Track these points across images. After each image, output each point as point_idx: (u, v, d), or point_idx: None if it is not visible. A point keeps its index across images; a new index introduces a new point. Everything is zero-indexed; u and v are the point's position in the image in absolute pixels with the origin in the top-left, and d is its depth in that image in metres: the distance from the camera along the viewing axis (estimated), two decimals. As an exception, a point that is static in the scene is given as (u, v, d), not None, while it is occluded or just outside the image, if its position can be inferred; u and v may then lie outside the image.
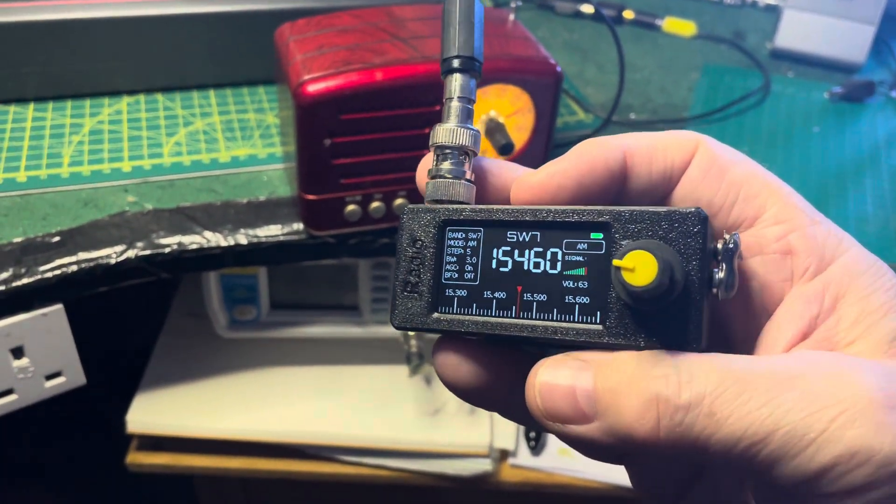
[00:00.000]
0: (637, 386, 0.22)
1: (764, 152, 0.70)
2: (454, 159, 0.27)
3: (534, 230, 0.25)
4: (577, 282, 0.24)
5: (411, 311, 0.26)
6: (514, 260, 0.25)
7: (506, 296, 0.25)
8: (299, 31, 0.56)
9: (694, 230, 0.23)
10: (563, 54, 0.85)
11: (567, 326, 0.24)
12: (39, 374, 0.58)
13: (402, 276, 0.26)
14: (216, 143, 0.66)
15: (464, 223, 0.26)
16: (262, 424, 0.73)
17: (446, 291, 0.26)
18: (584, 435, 0.23)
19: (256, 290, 0.70)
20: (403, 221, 0.27)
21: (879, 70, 0.86)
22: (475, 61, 0.27)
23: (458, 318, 0.25)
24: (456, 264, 0.26)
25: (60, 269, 0.54)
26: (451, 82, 0.27)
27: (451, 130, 0.27)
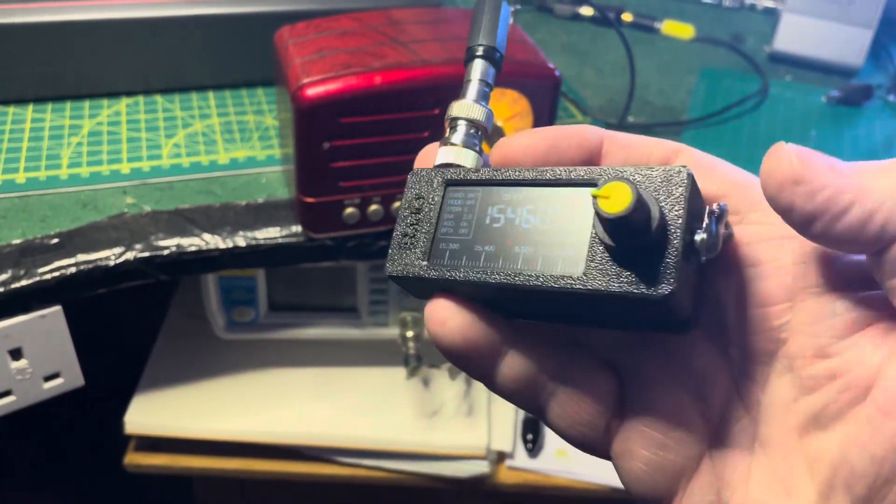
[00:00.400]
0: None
1: (762, 155, 0.70)
2: (466, 131, 0.28)
3: (529, 188, 0.26)
4: (564, 236, 0.25)
5: (405, 261, 0.27)
6: (507, 217, 0.26)
7: (495, 248, 0.26)
8: (299, 34, 0.56)
9: (678, 184, 0.23)
10: (561, 57, 0.85)
11: (547, 273, 0.24)
12: (38, 375, 0.58)
13: (402, 230, 0.28)
14: (215, 145, 0.66)
15: (465, 183, 0.27)
16: (260, 426, 0.73)
17: (440, 245, 0.27)
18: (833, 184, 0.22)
19: (255, 292, 0.70)
20: (410, 180, 0.28)
21: (877, 74, 0.86)
22: (496, 51, 0.29)
23: (447, 267, 0.26)
24: (453, 221, 0.27)
25: (59, 271, 0.54)
26: (472, 67, 0.29)
27: (466, 105, 0.29)
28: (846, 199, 0.21)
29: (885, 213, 0.21)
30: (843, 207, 0.21)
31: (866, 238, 0.21)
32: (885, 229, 0.21)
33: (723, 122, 0.75)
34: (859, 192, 0.21)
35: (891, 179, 0.21)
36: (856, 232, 0.21)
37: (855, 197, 0.21)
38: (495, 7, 0.30)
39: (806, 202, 0.22)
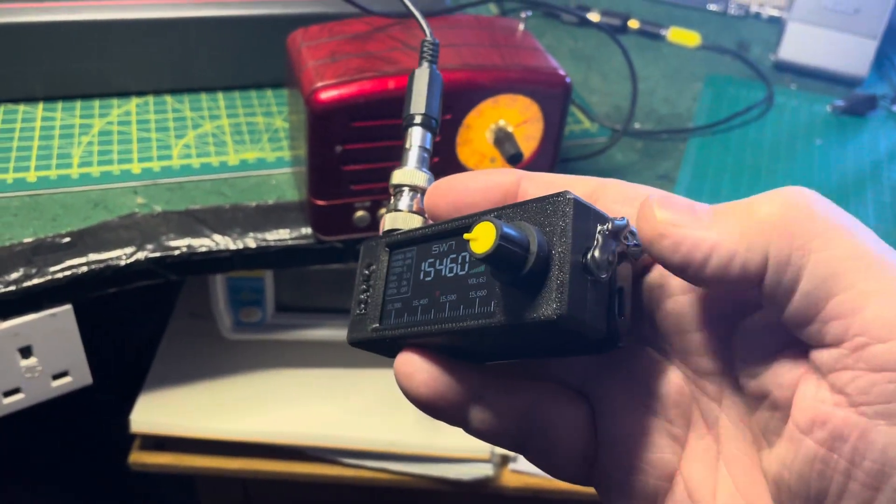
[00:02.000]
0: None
1: (767, 164, 0.71)
2: (410, 196, 0.30)
3: (449, 239, 0.27)
4: (478, 278, 0.26)
5: (360, 327, 0.29)
6: (436, 269, 0.27)
7: (428, 301, 0.27)
8: (311, 38, 0.56)
9: (562, 211, 0.24)
10: (568, 63, 0.86)
11: (465, 316, 0.26)
12: (47, 373, 0.59)
13: (358, 296, 0.30)
14: (225, 146, 0.66)
15: (402, 244, 0.29)
16: (264, 426, 0.73)
17: (388, 306, 0.28)
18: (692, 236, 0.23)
19: (262, 293, 0.71)
20: (362, 252, 0.30)
21: (881, 84, 0.86)
22: (432, 119, 0.33)
23: (391, 327, 0.28)
24: (396, 281, 0.29)
25: (70, 270, 0.55)
26: (412, 134, 0.32)
27: (409, 173, 0.31)
28: (705, 248, 0.23)
29: (742, 256, 0.22)
30: (704, 256, 0.23)
31: (733, 282, 0.23)
32: (746, 273, 0.22)
33: (728, 129, 0.76)
34: (714, 239, 0.23)
35: (740, 220, 0.23)
36: (722, 277, 0.23)
37: (712, 245, 0.23)
38: (431, 79, 0.33)
39: (672, 254, 0.23)
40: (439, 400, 0.27)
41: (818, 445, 0.22)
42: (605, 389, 0.28)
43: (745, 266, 0.22)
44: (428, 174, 0.31)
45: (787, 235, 0.22)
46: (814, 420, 0.22)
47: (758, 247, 0.22)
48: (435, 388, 0.27)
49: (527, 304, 0.24)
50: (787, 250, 0.22)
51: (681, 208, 0.24)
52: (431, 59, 0.35)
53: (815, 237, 0.22)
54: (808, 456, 0.22)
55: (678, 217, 0.23)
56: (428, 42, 0.36)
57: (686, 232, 0.23)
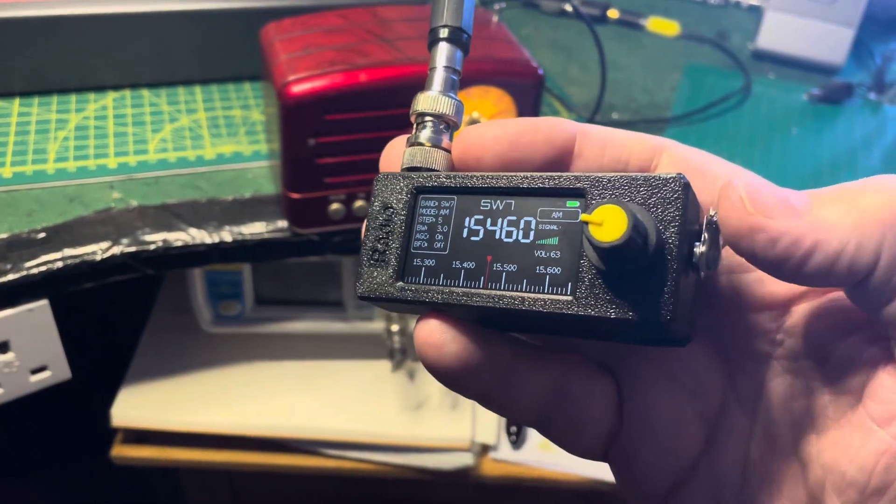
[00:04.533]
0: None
1: (743, 153, 0.72)
2: (434, 128, 0.26)
3: (508, 197, 0.24)
4: (550, 251, 0.23)
5: (376, 281, 0.25)
6: (486, 229, 0.24)
7: (475, 266, 0.24)
8: (285, 31, 0.56)
9: (674, 196, 0.22)
10: (547, 53, 0.86)
11: (535, 297, 0.23)
12: (25, 368, 0.59)
13: (370, 244, 0.25)
14: (201, 140, 0.66)
15: (437, 190, 0.25)
16: (246, 418, 0.74)
17: (414, 261, 0.25)
18: (791, 231, 0.20)
19: (241, 286, 0.71)
20: (376, 188, 0.26)
21: (859, 72, 0.87)
22: (463, 32, 0.27)
23: (423, 288, 0.24)
24: (426, 233, 0.25)
25: (46, 266, 0.55)
26: (436, 52, 0.27)
27: (433, 98, 0.26)
28: (808, 244, 0.20)
29: (851, 253, 0.20)
30: (806, 252, 0.20)
31: (836, 278, 0.21)
32: (853, 269, 0.20)
33: (706, 119, 0.76)
34: (819, 233, 0.20)
35: (847, 212, 0.21)
36: (825, 274, 0.21)
37: (816, 240, 0.20)
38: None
39: (767, 250, 0.21)
40: (469, 374, 0.24)
41: (893, 439, 0.21)
42: (633, 364, 0.26)
43: (853, 263, 0.20)
44: (456, 101, 0.26)
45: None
46: (894, 414, 0.21)
47: (869, 244, 0.20)
48: (466, 361, 0.24)
49: (621, 297, 0.21)
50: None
51: (773, 196, 0.21)
52: None
53: None
54: (877, 448, 0.21)
55: (773, 207, 0.21)
56: None
57: (784, 225, 0.20)
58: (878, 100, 0.82)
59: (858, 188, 0.21)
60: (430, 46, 0.27)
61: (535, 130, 0.25)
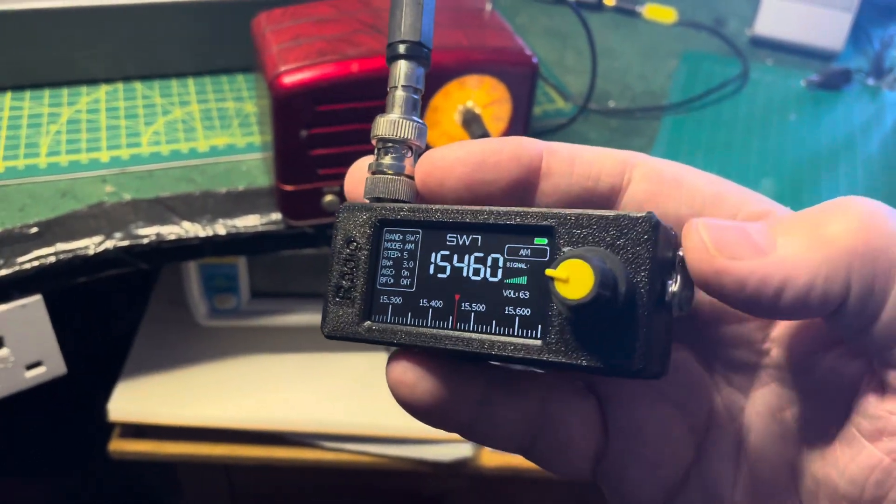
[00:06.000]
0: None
1: (741, 140, 0.71)
2: (396, 154, 0.25)
3: (475, 233, 0.23)
4: (518, 291, 0.22)
5: (342, 320, 0.24)
6: (453, 265, 0.23)
7: (443, 305, 0.23)
8: (276, 21, 0.56)
9: (643, 237, 0.21)
10: (542, 41, 0.85)
11: (504, 341, 0.22)
12: (20, 364, 0.58)
13: (335, 281, 0.24)
14: (195, 133, 0.66)
15: (402, 223, 0.24)
16: (243, 412, 0.73)
17: (381, 298, 0.24)
18: (757, 271, 0.20)
19: (236, 279, 0.70)
20: (338, 220, 0.25)
21: (857, 57, 0.86)
22: (423, 47, 0.25)
23: (391, 328, 0.23)
24: (392, 269, 0.24)
25: (39, 261, 0.54)
26: (395, 69, 0.25)
27: (394, 122, 0.25)
28: (776, 283, 0.20)
29: (821, 286, 0.20)
30: (776, 291, 0.20)
31: (811, 312, 0.20)
32: (826, 301, 0.20)
33: (703, 106, 0.76)
34: (786, 270, 0.20)
35: (812, 245, 0.20)
36: (799, 309, 0.20)
37: (784, 278, 0.20)
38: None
39: (736, 293, 0.20)
40: (444, 410, 0.24)
41: (883, 455, 0.21)
42: (616, 380, 0.26)
43: (824, 296, 0.20)
44: (417, 123, 0.25)
45: (868, 262, 0.20)
46: (882, 430, 0.21)
47: (838, 276, 0.20)
48: (440, 397, 0.23)
49: (592, 344, 0.21)
50: (870, 278, 0.20)
51: (735, 234, 0.20)
52: None
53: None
54: (868, 463, 0.21)
55: (736, 247, 0.20)
56: None
57: (750, 266, 0.20)
58: (877, 85, 0.81)
59: (821, 216, 0.21)
60: (389, 62, 0.26)
61: (500, 151, 0.23)
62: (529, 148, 0.24)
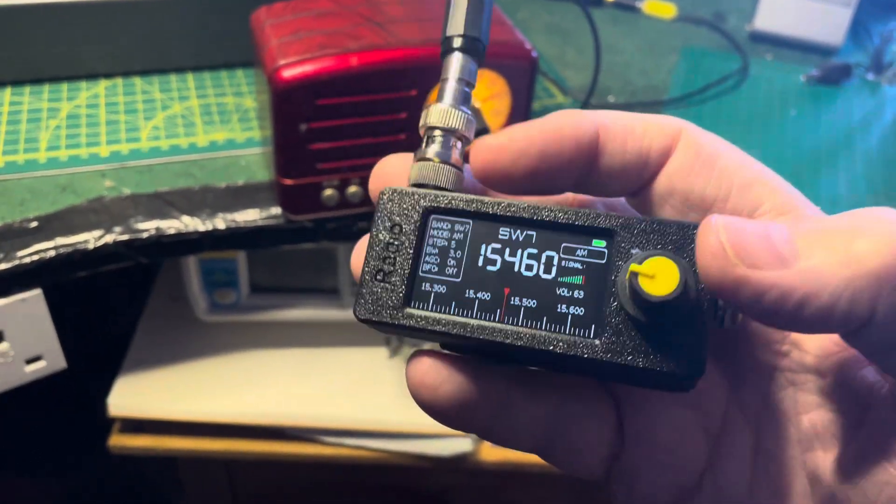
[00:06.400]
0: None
1: (740, 135, 0.71)
2: (444, 143, 0.25)
3: (530, 229, 0.23)
4: (573, 290, 0.22)
5: (381, 303, 0.23)
6: (504, 259, 0.23)
7: (490, 297, 0.23)
8: (276, 15, 0.56)
9: None
10: (543, 36, 0.85)
11: (556, 337, 0.22)
12: (20, 358, 0.58)
13: (375, 263, 0.23)
14: (194, 128, 0.66)
15: (451, 212, 0.24)
16: (243, 407, 0.73)
17: (423, 285, 0.23)
18: (779, 284, 0.19)
19: (236, 274, 0.70)
20: (382, 203, 0.24)
21: (857, 52, 0.86)
22: (479, 43, 0.25)
23: (434, 317, 0.23)
24: (437, 257, 0.23)
25: (38, 255, 0.54)
26: (450, 62, 0.25)
27: (445, 112, 0.25)
28: (797, 297, 0.19)
29: (844, 307, 0.19)
30: (796, 306, 0.19)
31: (829, 329, 0.20)
32: (848, 321, 0.19)
33: (703, 101, 0.76)
34: (809, 285, 0.19)
35: (840, 262, 0.19)
36: (818, 325, 0.19)
37: (806, 293, 0.19)
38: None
39: (753, 304, 0.19)
40: (466, 412, 0.23)
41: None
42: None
43: (846, 317, 0.19)
44: (467, 114, 0.25)
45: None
46: (894, 448, 0.21)
47: (864, 297, 0.19)
48: (462, 400, 0.23)
49: (651, 347, 0.21)
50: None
51: (756, 240, 0.19)
52: None
53: None
54: (881, 479, 0.21)
55: (757, 254, 0.19)
56: None
57: (771, 277, 0.19)
58: (877, 80, 0.81)
59: (850, 229, 0.19)
60: (444, 55, 0.26)
61: (560, 135, 0.23)
62: (586, 128, 0.23)
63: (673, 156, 0.24)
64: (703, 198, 0.23)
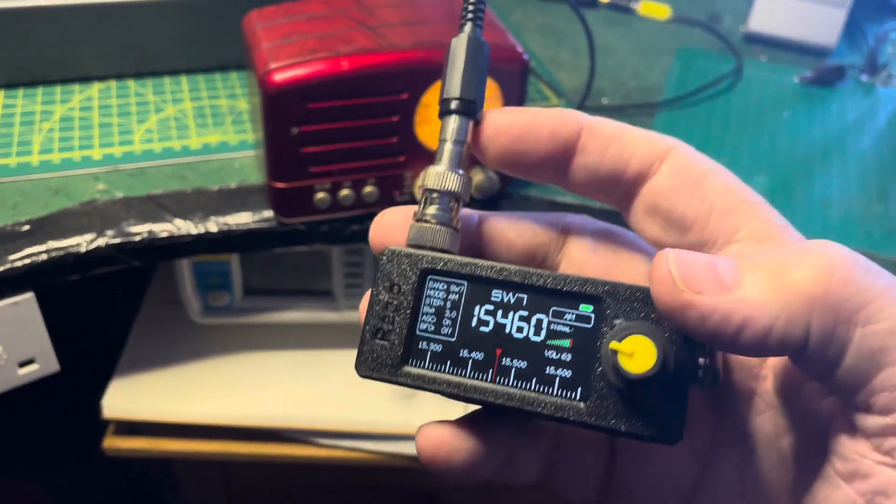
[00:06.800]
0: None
1: (734, 137, 0.71)
2: (442, 204, 0.26)
3: (521, 293, 0.24)
4: (561, 353, 0.23)
5: (380, 360, 0.24)
6: (497, 321, 0.24)
7: (483, 357, 0.24)
8: (267, 19, 0.56)
9: None
10: (537, 38, 0.85)
11: (545, 399, 0.23)
12: (12, 361, 0.59)
13: (374, 322, 0.25)
14: (187, 130, 0.66)
15: (447, 274, 0.25)
16: (238, 409, 0.73)
17: (420, 344, 0.24)
18: (720, 308, 0.20)
19: (230, 277, 0.70)
20: (382, 263, 0.25)
21: (851, 54, 0.86)
22: (475, 104, 0.26)
23: (430, 375, 0.24)
24: (433, 316, 0.25)
25: (30, 258, 0.54)
26: (447, 124, 0.27)
27: (441, 174, 0.26)
28: (737, 321, 0.20)
29: (780, 329, 0.20)
30: (737, 329, 0.20)
31: (769, 351, 0.21)
32: (785, 344, 0.21)
33: (696, 103, 0.76)
34: (747, 309, 0.20)
35: (775, 288, 0.20)
36: (758, 348, 0.21)
37: (745, 317, 0.20)
38: (471, 49, 0.27)
39: (698, 326, 0.21)
40: (476, 469, 0.25)
41: (857, 496, 0.21)
42: None
43: (783, 340, 0.20)
44: (462, 177, 0.26)
45: (829, 309, 0.20)
46: (855, 472, 0.21)
47: (798, 320, 0.20)
48: (473, 461, 0.24)
49: (632, 412, 0.22)
50: (831, 325, 0.20)
51: (702, 269, 0.21)
52: (474, 20, 0.27)
53: (860, 309, 0.20)
54: (843, 502, 0.22)
55: (701, 282, 0.21)
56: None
57: (713, 302, 0.20)
58: (871, 82, 0.81)
59: (789, 259, 0.21)
60: (441, 116, 0.27)
61: (541, 125, 0.25)
62: (570, 124, 0.25)
63: (658, 174, 0.25)
64: (684, 219, 0.24)
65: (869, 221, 0.62)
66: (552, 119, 0.25)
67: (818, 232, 0.60)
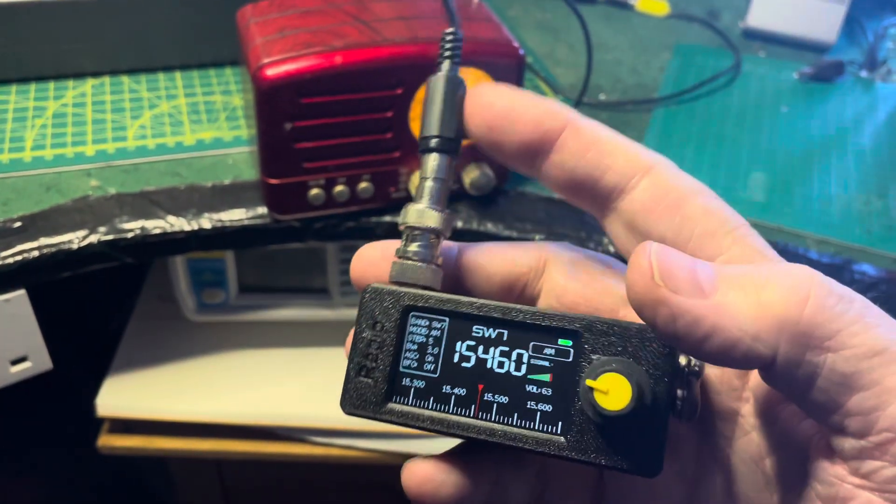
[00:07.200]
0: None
1: (732, 132, 0.71)
2: (423, 241, 0.26)
3: (501, 328, 0.24)
4: (541, 387, 0.23)
5: (364, 398, 0.25)
6: (478, 356, 0.24)
7: (465, 393, 0.24)
8: (261, 13, 0.55)
9: (665, 351, 0.22)
10: (534, 34, 0.85)
11: (526, 434, 0.23)
12: (5, 359, 0.58)
13: (358, 359, 0.25)
14: (181, 126, 0.65)
15: (429, 311, 0.25)
16: (233, 407, 0.73)
17: (403, 380, 0.25)
18: (693, 310, 0.20)
19: (224, 274, 0.70)
20: (364, 301, 0.26)
21: (850, 49, 0.86)
22: (454, 142, 0.27)
23: (413, 412, 0.24)
24: (416, 353, 0.25)
25: (22, 255, 0.54)
26: (427, 161, 0.27)
27: (422, 212, 0.26)
28: (707, 326, 0.20)
29: (747, 343, 0.20)
30: (704, 334, 0.20)
31: (734, 363, 0.21)
32: (750, 358, 0.20)
33: (694, 99, 0.75)
34: (719, 317, 0.20)
35: (749, 303, 0.20)
36: (722, 357, 0.21)
37: (714, 324, 0.20)
38: (448, 88, 0.27)
39: (667, 324, 0.21)
40: (464, 502, 0.25)
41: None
42: None
43: (747, 354, 0.20)
44: (443, 213, 0.26)
45: (800, 334, 0.20)
46: (836, 496, 0.21)
47: (767, 340, 0.20)
48: (461, 494, 0.24)
49: (612, 446, 0.22)
50: (801, 349, 0.20)
51: (681, 270, 0.21)
52: (452, 57, 0.28)
53: (832, 335, 0.20)
54: None
55: (679, 280, 0.20)
56: (449, 36, 0.28)
57: (686, 304, 0.20)
58: (870, 77, 0.81)
59: (766, 277, 0.21)
60: (421, 153, 0.27)
61: (525, 112, 0.24)
62: (556, 117, 0.24)
63: (636, 189, 0.24)
64: (663, 241, 0.24)
65: (868, 218, 0.62)
66: (538, 107, 0.24)
67: (817, 229, 0.60)
